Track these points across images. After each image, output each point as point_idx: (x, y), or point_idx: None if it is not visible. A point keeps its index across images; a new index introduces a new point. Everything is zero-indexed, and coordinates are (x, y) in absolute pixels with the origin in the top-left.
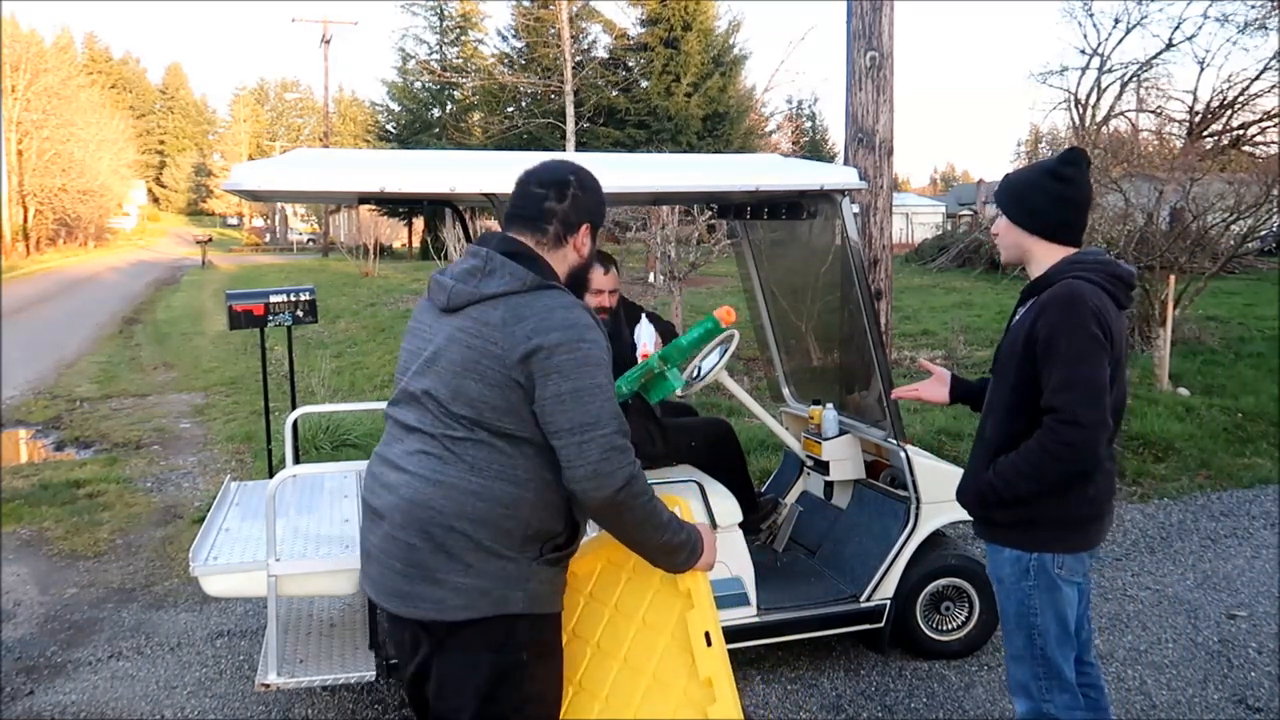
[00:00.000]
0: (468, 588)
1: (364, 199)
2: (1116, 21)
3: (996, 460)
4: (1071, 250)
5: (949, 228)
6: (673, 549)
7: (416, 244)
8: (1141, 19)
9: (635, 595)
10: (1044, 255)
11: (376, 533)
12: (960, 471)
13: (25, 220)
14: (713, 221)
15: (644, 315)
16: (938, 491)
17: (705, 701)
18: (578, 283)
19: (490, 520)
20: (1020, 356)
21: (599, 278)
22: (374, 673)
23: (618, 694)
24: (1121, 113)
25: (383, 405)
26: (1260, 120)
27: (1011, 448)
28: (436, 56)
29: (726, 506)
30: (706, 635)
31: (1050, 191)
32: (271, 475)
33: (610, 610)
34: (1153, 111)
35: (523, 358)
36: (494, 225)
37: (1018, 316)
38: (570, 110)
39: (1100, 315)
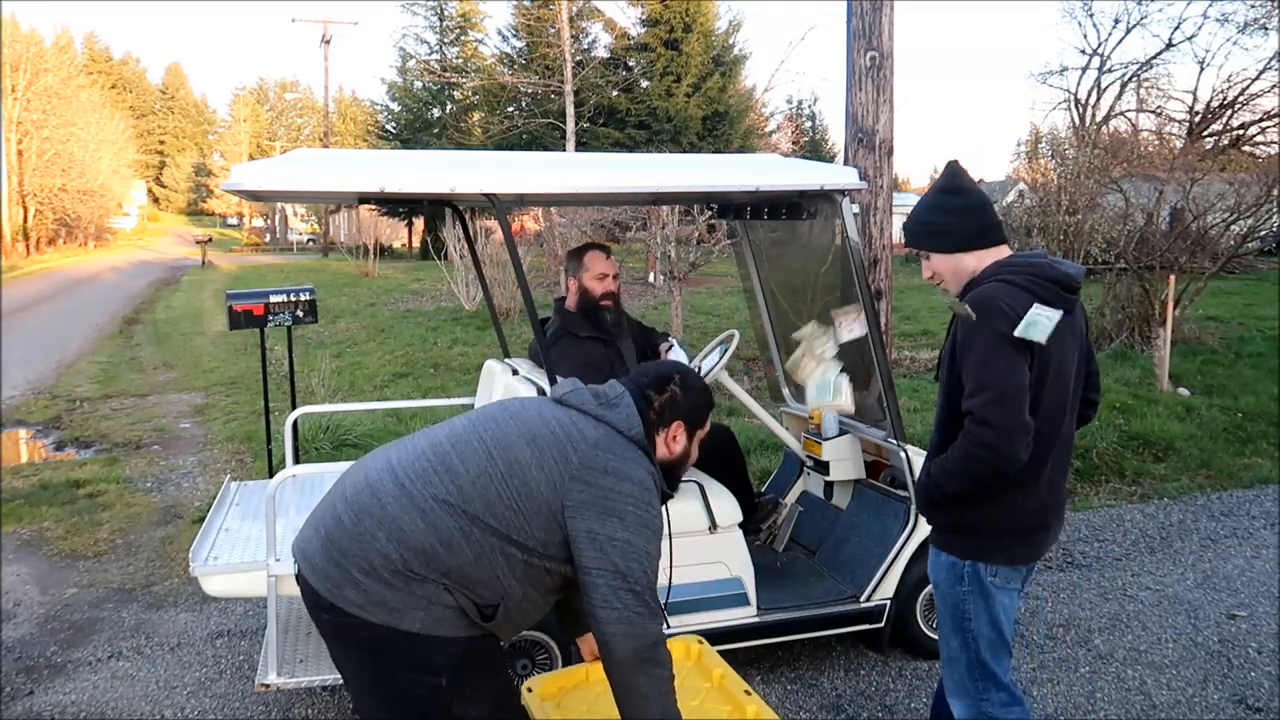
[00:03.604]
0: (367, 588)
1: (364, 199)
2: (1116, 21)
3: (930, 464)
4: (1000, 250)
5: None
6: None
7: (416, 244)
8: (1141, 19)
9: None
10: (977, 264)
11: (329, 498)
12: None
13: (25, 220)
14: (713, 221)
15: (674, 344)
16: None
17: None
18: (669, 476)
19: (417, 546)
20: (948, 363)
21: (603, 262)
22: None
23: None
24: (1121, 113)
25: (382, 405)
26: (1260, 120)
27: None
28: (436, 56)
29: (726, 507)
30: None
31: (950, 208)
32: (271, 475)
33: None
34: (1153, 111)
35: (588, 481)
36: (494, 225)
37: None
38: (570, 110)
39: (1014, 316)
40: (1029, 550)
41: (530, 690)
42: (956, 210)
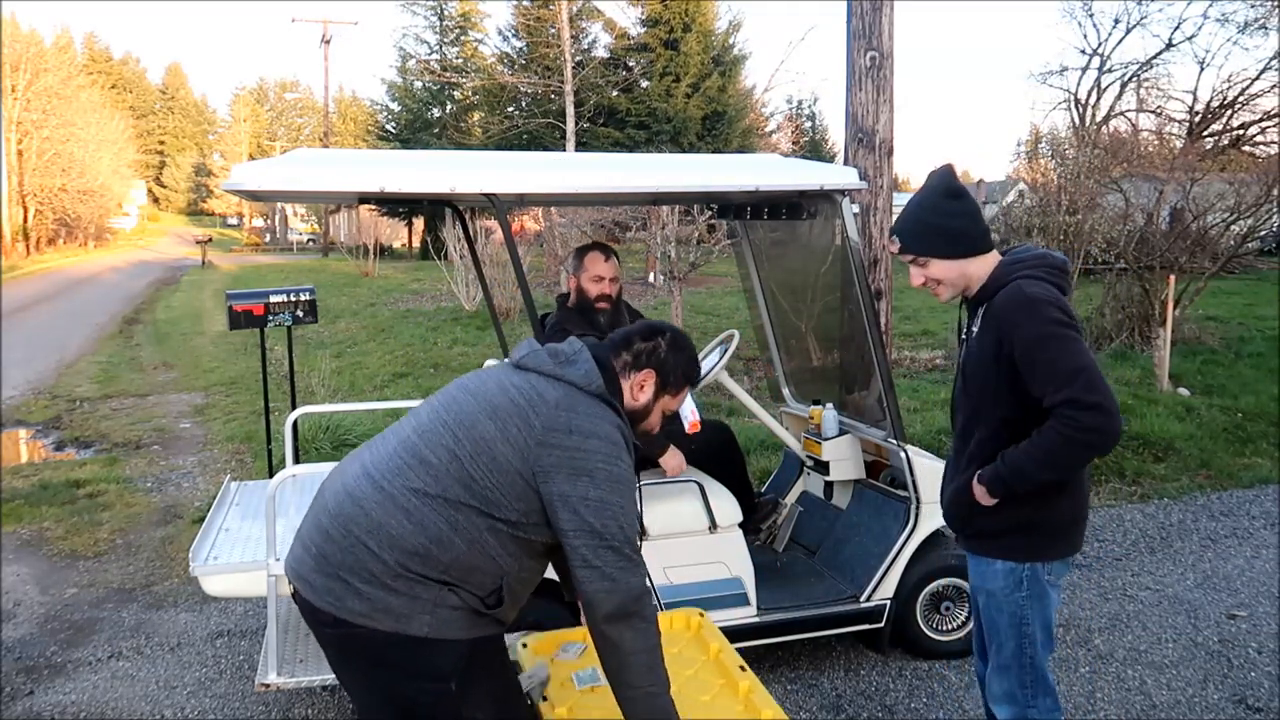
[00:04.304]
0: (370, 596)
1: (364, 199)
2: (1116, 21)
3: (1004, 453)
4: (993, 254)
5: None
6: (657, 711)
7: (416, 244)
8: (1141, 19)
9: None
10: (981, 269)
11: (312, 513)
12: None
13: (25, 220)
14: (713, 221)
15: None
16: (937, 492)
17: None
18: (631, 423)
19: (408, 546)
20: (991, 369)
21: (601, 265)
22: None
23: None
24: (1121, 113)
25: (382, 405)
26: (1260, 120)
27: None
28: (436, 56)
29: (726, 507)
30: None
31: (958, 211)
32: (271, 475)
33: None
34: (1153, 111)
35: (554, 444)
36: (494, 225)
37: (975, 330)
38: (570, 110)
39: (1060, 304)
40: (1077, 540)
41: (525, 645)
42: (967, 214)
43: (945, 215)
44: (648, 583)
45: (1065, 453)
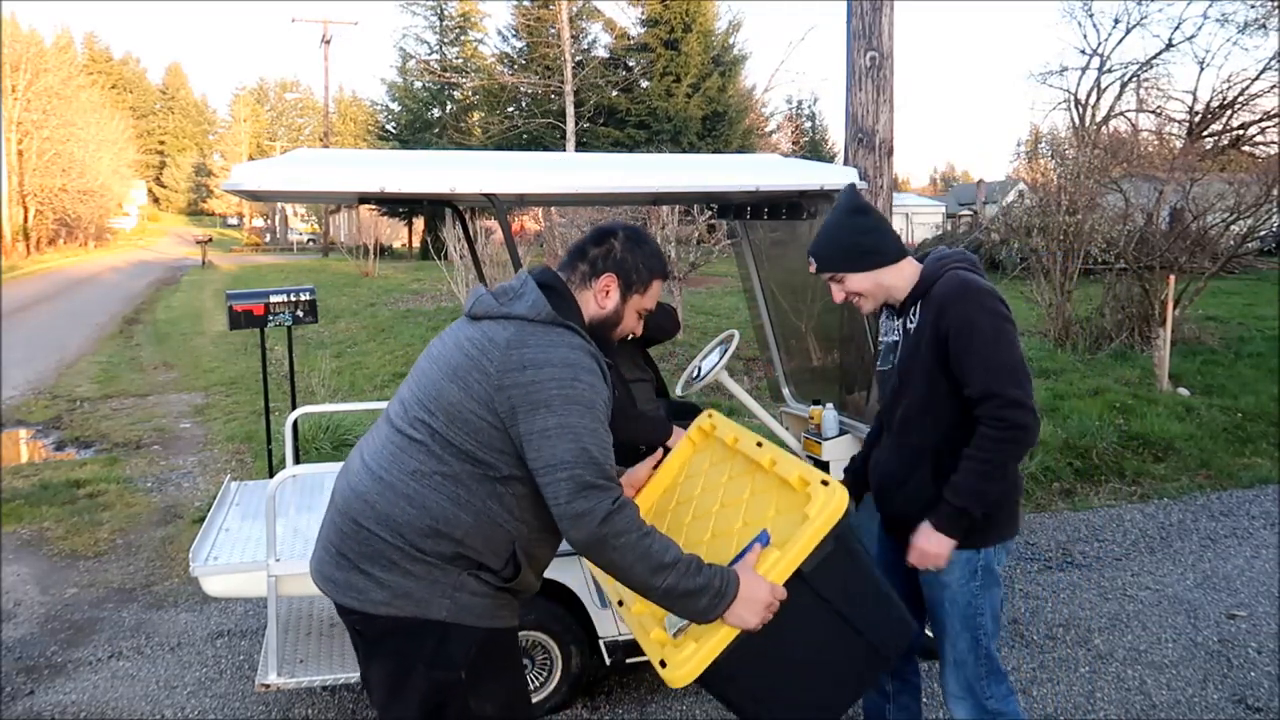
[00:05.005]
0: (390, 583)
1: (364, 199)
2: (1116, 21)
3: (950, 483)
4: (907, 262)
5: (949, 228)
6: (685, 594)
7: (416, 244)
8: (1141, 19)
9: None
10: (897, 279)
11: (327, 515)
12: None
13: (25, 220)
14: (713, 221)
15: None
16: None
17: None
18: (598, 335)
19: (417, 529)
20: (928, 359)
21: None
22: None
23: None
24: (1121, 113)
25: (383, 405)
26: (1260, 120)
27: (951, 443)
28: (436, 56)
29: None
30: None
31: (865, 227)
32: (271, 475)
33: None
34: (1153, 111)
35: (509, 384)
36: (494, 225)
37: (911, 326)
38: (570, 110)
39: (998, 295)
40: (1019, 516)
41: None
42: (875, 229)
43: (853, 231)
44: (612, 502)
45: (1002, 457)
